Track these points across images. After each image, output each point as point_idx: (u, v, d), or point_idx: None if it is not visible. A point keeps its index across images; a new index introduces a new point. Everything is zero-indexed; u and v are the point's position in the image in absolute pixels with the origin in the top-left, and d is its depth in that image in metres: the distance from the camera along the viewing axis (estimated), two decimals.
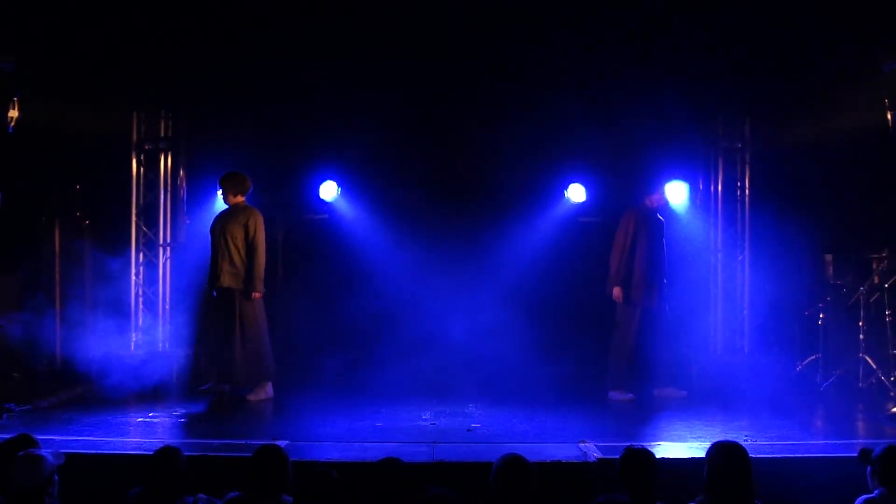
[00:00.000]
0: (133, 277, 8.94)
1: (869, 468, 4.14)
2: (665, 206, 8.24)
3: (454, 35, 8.24)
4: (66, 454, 4.18)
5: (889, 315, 7.94)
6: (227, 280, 7.65)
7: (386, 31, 8.21)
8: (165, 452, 4.21)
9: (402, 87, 8.86)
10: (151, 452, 4.27)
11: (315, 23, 8.10)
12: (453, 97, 9.00)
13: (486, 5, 7.96)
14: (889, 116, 7.57)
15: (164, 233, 9.05)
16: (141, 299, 9.00)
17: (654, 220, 8.00)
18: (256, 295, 7.68)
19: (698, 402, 7.69)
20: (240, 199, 7.84)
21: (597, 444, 5.67)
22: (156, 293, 9.00)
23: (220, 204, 8.06)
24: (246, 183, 7.86)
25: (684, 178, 9.11)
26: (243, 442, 5.62)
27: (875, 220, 8.93)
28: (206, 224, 8.42)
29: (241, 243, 7.68)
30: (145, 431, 6.51)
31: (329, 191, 9.40)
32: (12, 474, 3.77)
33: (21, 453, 3.86)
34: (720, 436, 6.04)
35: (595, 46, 8.14)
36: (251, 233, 7.68)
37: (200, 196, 9.22)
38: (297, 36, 8.24)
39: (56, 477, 3.85)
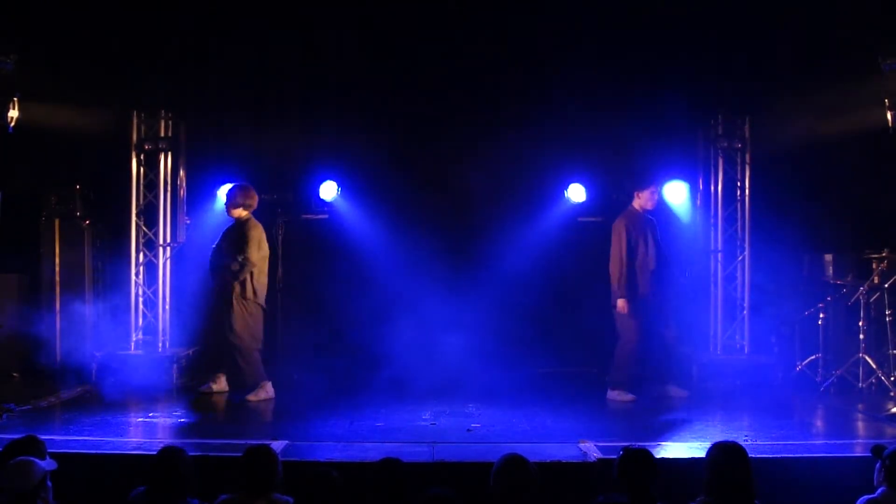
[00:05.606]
0: (133, 277, 8.93)
1: (878, 463, 4.15)
2: (657, 204, 8.14)
3: (453, 34, 8.24)
4: (67, 454, 4.17)
5: (889, 315, 7.93)
6: (234, 288, 7.65)
7: (385, 31, 8.22)
8: (169, 452, 4.19)
9: (402, 87, 8.87)
10: (151, 452, 4.26)
11: (314, 22, 8.11)
12: (453, 97, 9.00)
13: (485, 3, 7.97)
14: (889, 116, 7.57)
15: (164, 233, 9.04)
16: (141, 299, 8.99)
17: (646, 223, 7.91)
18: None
19: (698, 402, 7.68)
20: (243, 212, 7.83)
21: (597, 444, 5.66)
22: (156, 293, 8.99)
23: (218, 204, 8.05)
24: (254, 198, 7.86)
25: (684, 178, 9.12)
26: (243, 442, 5.58)
27: (875, 220, 8.93)
28: (207, 224, 8.42)
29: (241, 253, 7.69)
30: (145, 431, 6.51)
31: (329, 191, 9.41)
32: (4, 480, 3.77)
33: (12, 461, 3.85)
34: (720, 436, 6.05)
35: (596, 46, 8.15)
36: (249, 241, 7.67)
37: (200, 196, 9.21)
38: (297, 35, 8.24)
39: (49, 483, 3.84)
